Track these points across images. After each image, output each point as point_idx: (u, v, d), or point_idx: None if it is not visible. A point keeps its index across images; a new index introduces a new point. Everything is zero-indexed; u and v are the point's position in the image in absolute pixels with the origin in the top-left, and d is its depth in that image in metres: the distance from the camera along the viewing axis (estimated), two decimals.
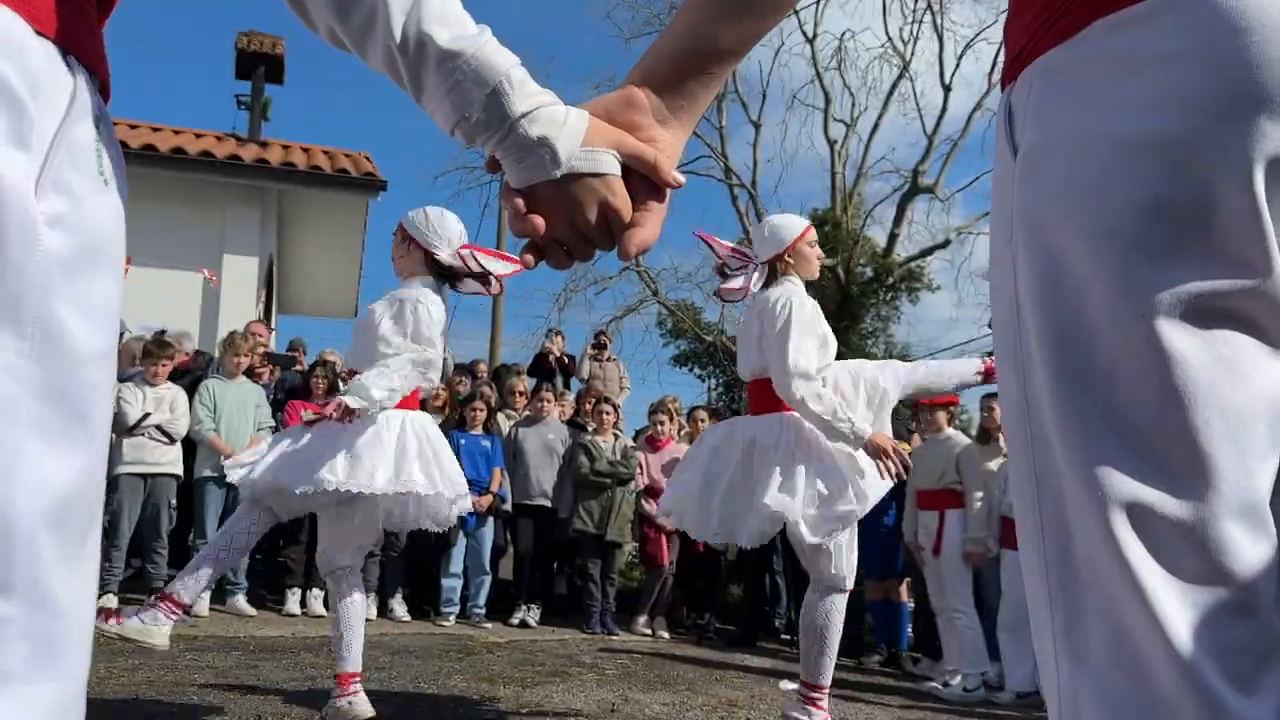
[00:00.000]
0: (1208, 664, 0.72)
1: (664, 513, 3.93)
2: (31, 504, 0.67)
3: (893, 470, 3.34)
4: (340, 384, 6.89)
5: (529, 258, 0.99)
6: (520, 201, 0.94)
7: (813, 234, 3.72)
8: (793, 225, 3.70)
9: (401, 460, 3.33)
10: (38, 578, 0.67)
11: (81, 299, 0.71)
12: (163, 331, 6.97)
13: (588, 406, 7.89)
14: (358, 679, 3.52)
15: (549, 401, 7.51)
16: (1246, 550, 0.74)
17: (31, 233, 0.67)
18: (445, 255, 3.46)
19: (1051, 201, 0.80)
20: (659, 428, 7.64)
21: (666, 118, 1.01)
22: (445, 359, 3.71)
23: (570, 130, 0.91)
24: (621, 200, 0.95)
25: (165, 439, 6.17)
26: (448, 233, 3.49)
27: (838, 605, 3.48)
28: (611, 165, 0.94)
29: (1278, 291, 0.74)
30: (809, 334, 3.45)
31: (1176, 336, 0.74)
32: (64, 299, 0.70)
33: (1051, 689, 0.82)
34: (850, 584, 3.53)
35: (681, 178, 1.01)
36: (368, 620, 6.42)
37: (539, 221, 0.93)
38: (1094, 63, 0.78)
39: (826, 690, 3.52)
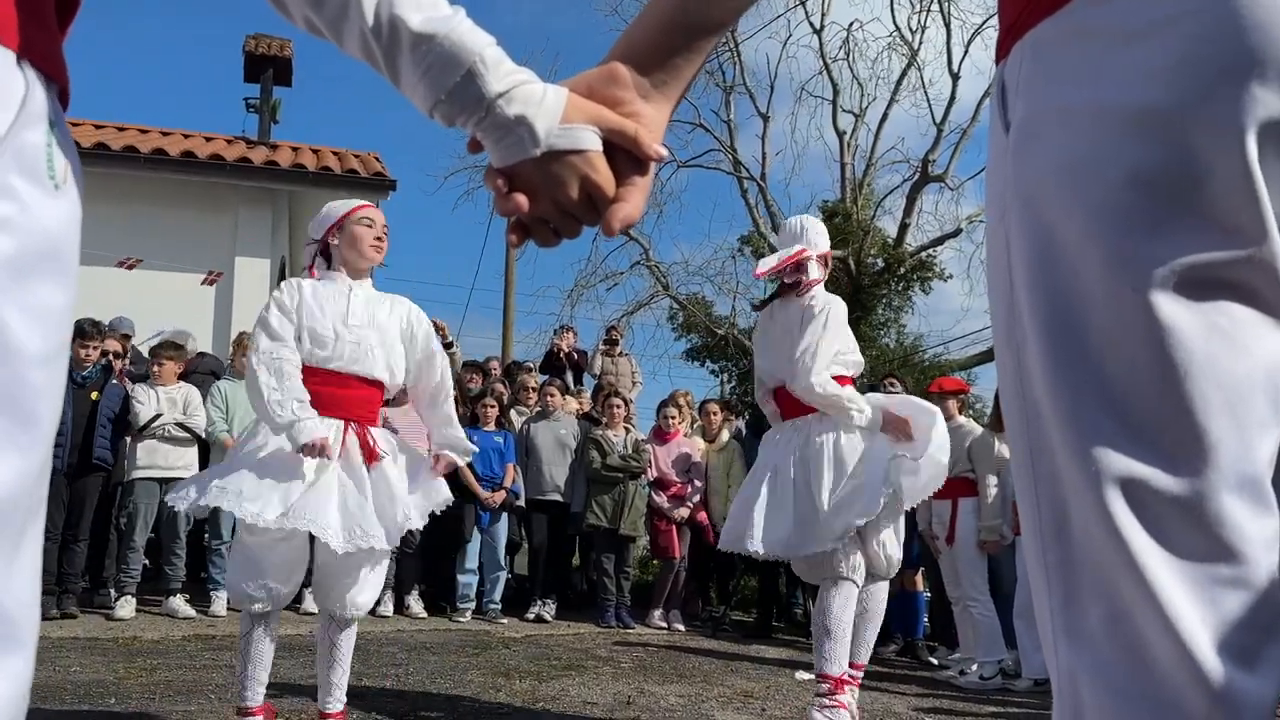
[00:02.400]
0: (1206, 640, 0.72)
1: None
2: None
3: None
4: None
5: (514, 237, 0.98)
6: (502, 182, 0.94)
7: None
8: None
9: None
10: None
11: (27, 302, 0.71)
12: (159, 333, 7.02)
13: (600, 401, 7.91)
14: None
15: (554, 396, 7.52)
16: (1246, 524, 0.73)
17: None
18: None
19: (1043, 176, 0.79)
20: (668, 421, 7.64)
21: (649, 92, 1.00)
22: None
23: (548, 108, 0.91)
24: (603, 176, 0.95)
25: (187, 435, 6.20)
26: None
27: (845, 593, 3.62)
28: (591, 141, 0.93)
29: (1276, 258, 0.73)
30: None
31: (1170, 309, 0.73)
32: (8, 301, 0.70)
33: (1052, 667, 0.82)
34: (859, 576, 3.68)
35: (664, 150, 1.00)
36: (385, 616, 6.49)
37: (522, 200, 0.93)
38: (1083, 34, 0.77)
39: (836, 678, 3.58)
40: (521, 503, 7.16)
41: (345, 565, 3.06)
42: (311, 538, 3.04)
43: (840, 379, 3.62)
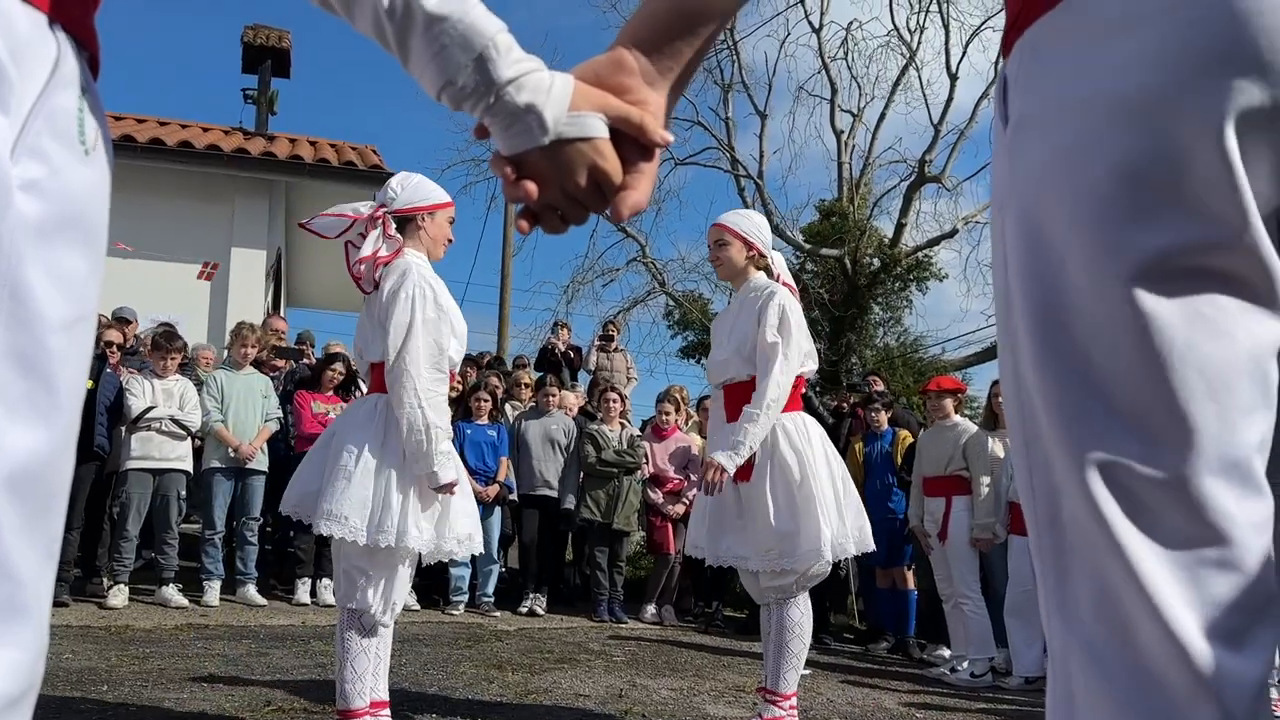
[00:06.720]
0: (1191, 621, 0.73)
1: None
2: None
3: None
4: (361, 379, 6.90)
5: (523, 224, 0.99)
6: (510, 169, 0.94)
7: None
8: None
9: None
10: None
11: (52, 266, 0.71)
12: (167, 325, 7.00)
13: (595, 396, 7.92)
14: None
15: (554, 395, 7.52)
16: (1230, 507, 0.75)
17: (4, 195, 0.67)
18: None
19: (1034, 168, 0.81)
20: (664, 417, 7.65)
21: (655, 78, 1.01)
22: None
23: (556, 96, 0.91)
24: (610, 163, 0.95)
25: (181, 431, 6.19)
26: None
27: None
28: (599, 128, 0.94)
29: (1258, 246, 0.74)
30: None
31: (1152, 298, 0.75)
32: (34, 265, 0.69)
33: (1049, 648, 0.84)
34: None
35: (669, 135, 1.00)
36: None
37: (531, 188, 0.94)
38: (1075, 28, 0.79)
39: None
40: (514, 497, 7.16)
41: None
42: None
43: None
